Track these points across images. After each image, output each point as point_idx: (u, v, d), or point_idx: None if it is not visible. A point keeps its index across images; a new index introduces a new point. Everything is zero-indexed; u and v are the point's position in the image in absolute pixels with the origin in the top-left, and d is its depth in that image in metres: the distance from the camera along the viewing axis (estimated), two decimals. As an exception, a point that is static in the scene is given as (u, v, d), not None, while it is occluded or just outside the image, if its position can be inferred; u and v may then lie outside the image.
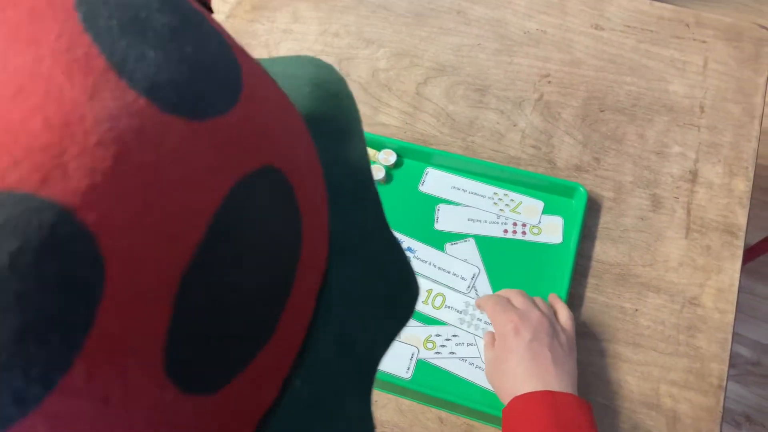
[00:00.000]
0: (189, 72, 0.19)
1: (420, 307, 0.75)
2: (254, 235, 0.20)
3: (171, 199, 0.17)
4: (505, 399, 0.63)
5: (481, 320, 0.74)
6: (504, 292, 0.71)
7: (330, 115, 0.30)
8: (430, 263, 0.78)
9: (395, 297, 0.28)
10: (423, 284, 0.76)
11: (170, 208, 0.17)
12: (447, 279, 0.77)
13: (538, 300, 0.69)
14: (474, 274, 0.77)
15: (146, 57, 0.18)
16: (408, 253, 0.78)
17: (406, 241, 0.79)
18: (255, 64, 0.23)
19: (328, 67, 0.31)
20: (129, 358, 0.17)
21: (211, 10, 0.25)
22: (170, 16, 0.19)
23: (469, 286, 0.76)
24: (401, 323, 0.28)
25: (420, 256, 0.78)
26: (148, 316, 0.17)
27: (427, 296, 0.76)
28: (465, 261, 0.78)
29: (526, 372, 0.62)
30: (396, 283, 0.28)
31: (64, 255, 0.15)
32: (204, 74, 0.19)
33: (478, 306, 0.72)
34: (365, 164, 0.29)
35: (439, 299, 0.75)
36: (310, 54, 0.95)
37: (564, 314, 0.69)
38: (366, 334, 0.26)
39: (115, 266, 0.16)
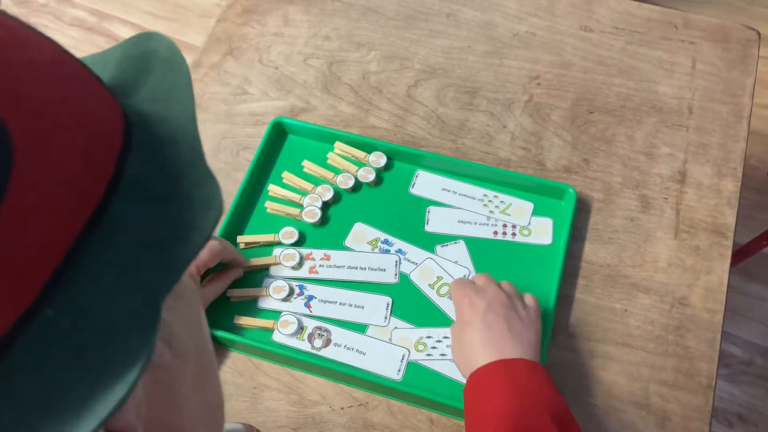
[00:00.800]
0: None
1: (425, 288, 0.76)
2: None
3: None
4: (465, 373, 0.65)
5: None
6: (473, 277, 0.73)
7: (149, 75, 0.32)
8: (420, 265, 0.78)
9: (193, 224, 0.28)
10: (434, 269, 0.78)
11: None
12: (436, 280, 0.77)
13: (504, 284, 0.71)
14: (464, 276, 0.77)
15: None
16: (398, 255, 0.78)
17: (396, 244, 0.79)
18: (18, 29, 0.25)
19: (158, 36, 0.33)
20: None
21: None
22: None
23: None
24: (197, 246, 0.27)
25: (411, 258, 0.78)
26: None
27: (436, 281, 0.77)
28: (456, 263, 0.78)
29: (482, 341, 0.63)
30: (196, 209, 0.28)
31: None
32: None
33: (449, 290, 0.74)
34: (188, 115, 0.30)
35: (444, 288, 0.77)
36: (301, 57, 0.95)
37: (529, 296, 0.70)
38: (155, 260, 0.26)
39: None
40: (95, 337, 0.24)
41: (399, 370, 0.72)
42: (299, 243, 0.80)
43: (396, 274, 0.77)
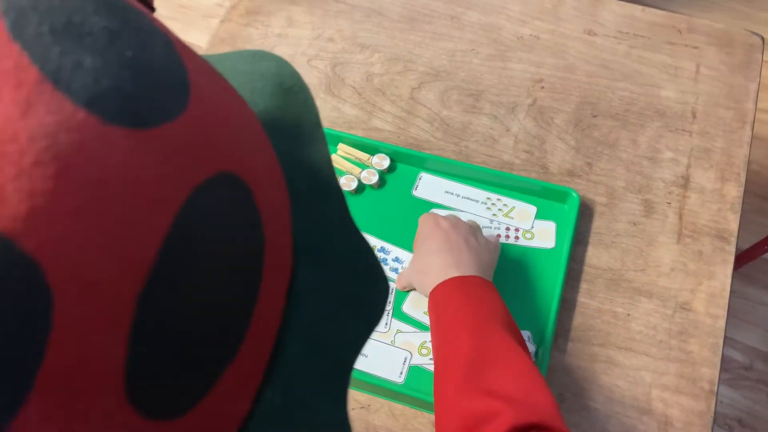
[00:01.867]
0: (131, 78, 0.17)
1: (420, 316, 0.75)
2: (214, 248, 0.19)
3: (119, 218, 0.16)
4: (422, 284, 0.68)
5: None
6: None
7: (288, 113, 0.28)
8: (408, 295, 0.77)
9: (363, 295, 0.27)
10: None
11: (119, 228, 0.16)
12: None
13: (470, 221, 0.75)
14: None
15: (83, 64, 0.16)
16: (396, 264, 0.78)
17: (393, 251, 0.79)
18: (203, 63, 0.22)
19: (282, 62, 0.30)
20: (86, 391, 0.16)
21: (152, 9, 0.24)
22: (108, 18, 0.18)
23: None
24: (372, 322, 0.27)
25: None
26: (103, 345, 0.16)
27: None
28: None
29: (440, 255, 0.67)
30: (363, 280, 0.27)
31: (7, 288, 0.14)
32: (147, 79, 0.18)
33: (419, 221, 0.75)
34: (326, 162, 0.28)
35: None
36: (305, 58, 0.95)
37: (493, 239, 0.75)
38: (336, 336, 0.26)
39: (63, 295, 0.15)
40: (300, 414, 0.24)
41: (401, 373, 0.72)
42: None
43: (390, 302, 0.76)
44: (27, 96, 0.15)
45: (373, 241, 0.79)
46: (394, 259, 0.78)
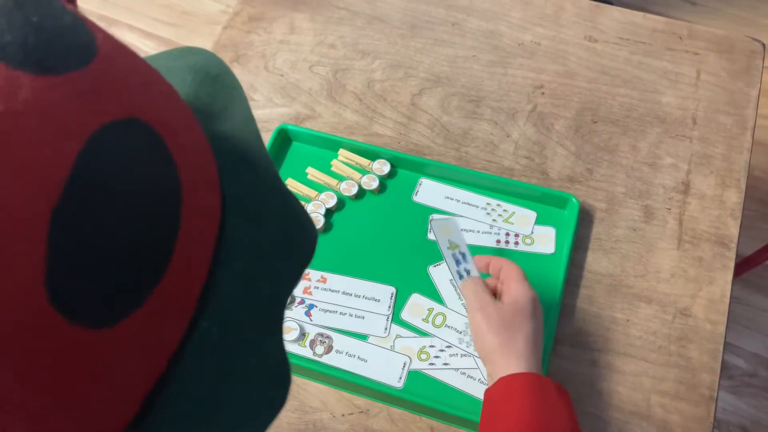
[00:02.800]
0: (34, 34, 0.20)
1: (419, 323, 0.75)
2: (120, 177, 0.21)
3: (29, 146, 0.19)
4: (505, 352, 0.62)
5: None
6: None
7: (216, 98, 0.32)
8: (407, 303, 0.77)
9: (293, 240, 0.30)
10: (422, 303, 0.77)
11: (30, 154, 0.19)
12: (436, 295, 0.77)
13: None
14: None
15: None
16: (394, 288, 0.79)
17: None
18: (116, 41, 0.25)
19: (208, 54, 0.34)
20: (7, 290, 0.18)
21: (73, 3, 0.28)
22: None
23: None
24: (302, 264, 0.30)
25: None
26: (22, 251, 0.18)
27: (428, 314, 0.76)
28: (450, 281, 0.78)
29: (536, 344, 0.63)
30: (293, 228, 0.30)
31: None
32: (52, 37, 0.21)
33: (495, 265, 0.69)
34: (255, 135, 0.31)
35: (439, 318, 0.75)
36: (306, 64, 0.96)
37: None
38: (269, 277, 0.29)
39: None
40: (238, 346, 0.27)
41: (400, 378, 0.72)
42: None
43: (390, 307, 0.76)
44: None
45: (464, 241, 0.79)
46: (465, 270, 0.77)
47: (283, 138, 0.88)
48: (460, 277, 0.69)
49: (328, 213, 0.83)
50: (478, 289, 0.66)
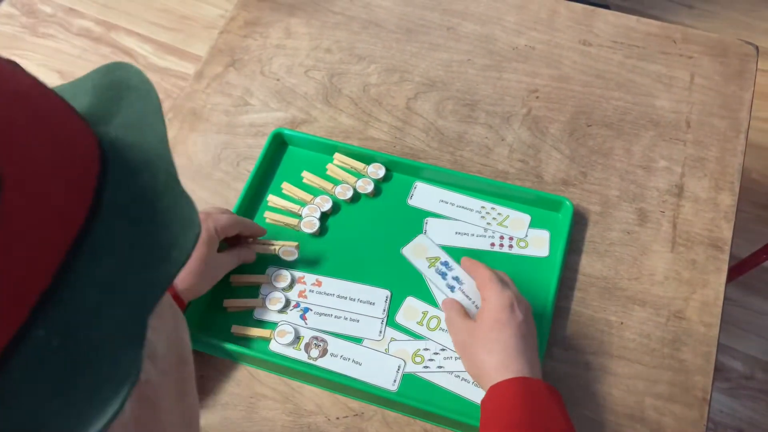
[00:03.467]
0: None
1: (414, 326, 0.75)
2: None
3: None
4: (486, 369, 0.63)
5: None
6: (493, 270, 0.71)
7: (132, 107, 0.33)
8: (402, 306, 0.78)
9: (172, 241, 0.29)
10: (417, 306, 0.77)
11: None
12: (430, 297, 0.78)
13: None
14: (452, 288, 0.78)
15: None
16: (389, 291, 0.79)
17: (456, 270, 0.80)
18: None
19: (130, 67, 0.34)
20: None
21: None
22: None
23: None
24: (178, 262, 0.29)
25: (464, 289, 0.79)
26: None
27: (422, 317, 0.76)
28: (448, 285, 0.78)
29: (516, 348, 0.63)
30: (175, 229, 0.29)
31: None
32: None
33: (466, 267, 0.72)
34: (160, 140, 0.31)
35: (434, 321, 0.76)
36: (302, 69, 0.96)
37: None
38: (139, 279, 0.28)
39: None
40: (84, 356, 0.26)
41: (395, 381, 0.72)
42: (319, 233, 0.82)
43: (385, 310, 0.77)
44: None
45: (440, 253, 0.80)
46: (453, 278, 0.78)
47: (279, 142, 0.88)
48: (452, 290, 0.71)
49: (324, 217, 0.83)
50: (452, 315, 0.70)
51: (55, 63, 1.91)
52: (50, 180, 0.26)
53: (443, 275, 0.78)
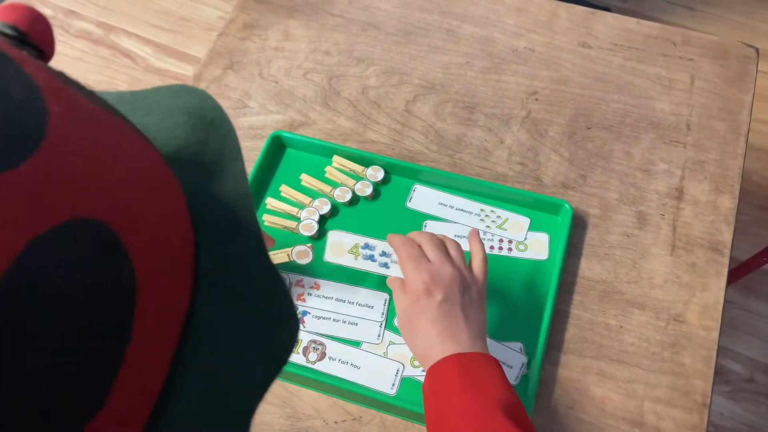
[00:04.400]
0: None
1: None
2: (56, 292, 0.18)
3: None
4: (417, 356, 0.63)
5: None
6: (416, 236, 0.69)
7: (208, 146, 0.28)
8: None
9: (271, 335, 0.26)
10: None
11: None
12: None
13: (450, 245, 0.68)
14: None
15: None
16: (387, 295, 0.79)
17: (379, 246, 0.79)
18: (82, 106, 0.22)
19: (204, 95, 0.30)
20: None
21: (42, 51, 0.24)
22: None
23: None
24: (279, 363, 0.26)
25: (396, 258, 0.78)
26: None
27: None
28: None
29: (438, 333, 0.61)
30: (274, 319, 0.26)
31: None
32: None
33: (389, 242, 0.70)
34: (244, 196, 0.27)
35: None
36: (301, 71, 0.96)
37: (477, 259, 0.68)
38: (239, 380, 0.25)
39: None
40: None
41: (393, 385, 0.72)
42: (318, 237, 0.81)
43: (383, 313, 0.76)
44: None
45: (356, 239, 0.79)
46: (381, 254, 0.78)
47: (278, 145, 0.88)
48: (387, 267, 0.72)
49: (322, 219, 0.83)
50: (397, 295, 0.67)
51: (55, 65, 1.90)
52: (170, 264, 0.22)
53: (371, 258, 0.77)
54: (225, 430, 0.24)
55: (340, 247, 0.79)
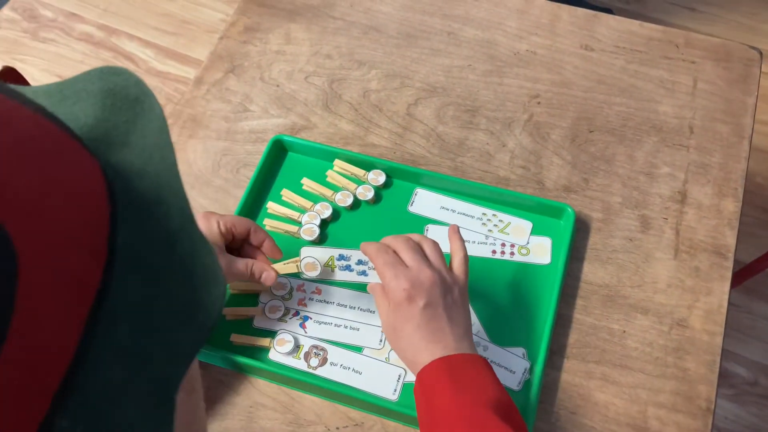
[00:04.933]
0: None
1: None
2: None
3: None
4: (405, 362, 0.64)
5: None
6: (391, 241, 0.67)
7: (132, 124, 0.28)
8: None
9: (195, 303, 0.25)
10: None
11: None
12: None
13: (427, 246, 0.67)
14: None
15: None
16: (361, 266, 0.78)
17: (354, 255, 0.79)
18: None
19: (128, 74, 0.29)
20: None
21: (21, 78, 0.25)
22: None
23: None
24: (204, 332, 0.25)
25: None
26: None
27: None
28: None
29: (423, 339, 0.61)
30: (197, 287, 0.26)
31: None
32: None
33: (363, 251, 0.69)
34: (169, 168, 0.27)
35: None
36: (302, 75, 0.96)
37: (457, 258, 0.67)
38: (161, 351, 0.24)
39: None
40: None
41: (395, 390, 0.72)
42: (321, 241, 0.81)
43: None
44: None
45: (330, 252, 0.79)
46: (357, 263, 0.78)
47: (279, 149, 0.88)
48: (365, 274, 0.73)
49: (324, 224, 0.82)
50: (379, 301, 0.67)
51: (57, 68, 1.91)
52: (64, 237, 0.22)
53: (348, 268, 0.77)
54: (147, 400, 0.24)
55: (313, 265, 0.77)
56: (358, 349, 0.74)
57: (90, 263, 0.23)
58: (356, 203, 0.84)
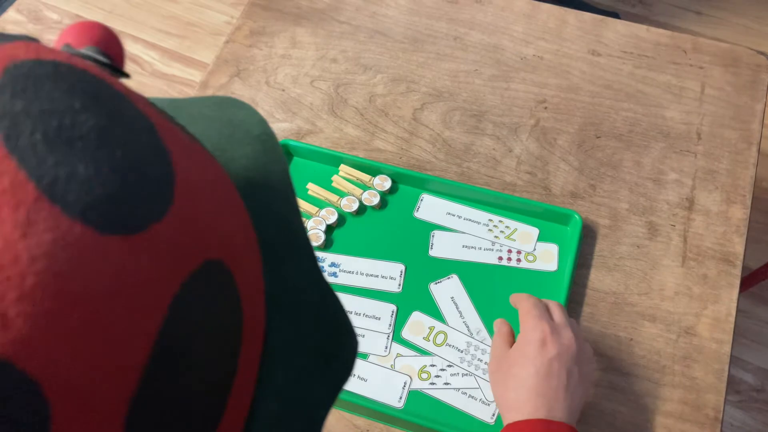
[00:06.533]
0: (121, 182, 0.18)
1: (420, 342, 0.74)
2: (201, 337, 0.19)
3: (113, 326, 0.16)
4: (502, 405, 0.61)
5: (481, 361, 0.73)
6: (546, 301, 0.67)
7: (257, 161, 0.28)
8: (408, 321, 0.77)
9: (333, 351, 0.26)
10: (424, 321, 0.76)
11: (113, 335, 0.16)
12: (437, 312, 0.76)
13: (574, 323, 0.66)
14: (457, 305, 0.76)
15: (77, 174, 0.17)
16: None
17: (328, 258, 0.79)
18: (181, 135, 0.22)
19: (250, 109, 0.29)
20: None
21: (126, 75, 0.24)
22: (94, 115, 0.18)
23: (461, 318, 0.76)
24: (342, 378, 0.26)
25: (345, 268, 0.79)
26: None
27: (429, 332, 0.75)
28: (452, 299, 0.77)
29: (534, 389, 0.59)
30: (334, 336, 0.26)
31: (9, 407, 0.15)
32: (137, 180, 0.18)
33: (513, 301, 0.68)
34: (295, 212, 0.28)
35: (440, 337, 0.75)
36: (308, 79, 0.95)
37: (590, 350, 0.66)
38: (308, 393, 0.25)
39: (60, 407, 0.16)
40: None
41: (401, 398, 0.71)
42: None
43: (390, 325, 0.75)
44: (26, 215, 0.16)
45: (324, 255, 0.79)
46: (330, 265, 0.79)
47: (284, 153, 0.87)
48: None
49: (329, 229, 0.82)
50: (496, 338, 0.66)
51: (62, 70, 1.91)
52: (256, 289, 0.23)
53: (334, 275, 0.78)
54: None
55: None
56: (363, 356, 0.74)
57: (261, 310, 0.23)
58: (362, 208, 0.83)
